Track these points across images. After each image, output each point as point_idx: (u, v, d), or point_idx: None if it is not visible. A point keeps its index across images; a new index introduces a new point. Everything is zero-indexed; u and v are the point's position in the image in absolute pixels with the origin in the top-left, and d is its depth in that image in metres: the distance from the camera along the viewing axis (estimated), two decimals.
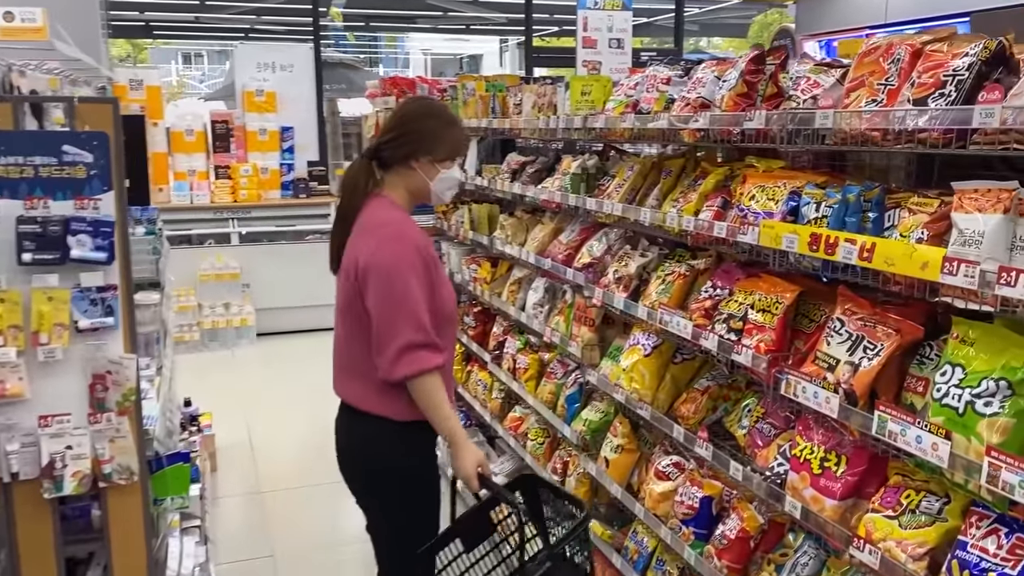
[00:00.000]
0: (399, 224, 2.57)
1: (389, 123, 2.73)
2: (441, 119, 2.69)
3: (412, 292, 2.46)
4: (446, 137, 2.66)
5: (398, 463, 2.64)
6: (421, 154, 2.63)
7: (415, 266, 2.49)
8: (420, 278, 2.50)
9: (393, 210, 2.63)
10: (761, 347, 2.35)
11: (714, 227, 2.50)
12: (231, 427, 5.92)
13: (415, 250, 2.52)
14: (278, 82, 8.98)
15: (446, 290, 2.64)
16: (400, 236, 2.53)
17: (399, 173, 2.67)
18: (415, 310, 2.46)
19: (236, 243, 8.32)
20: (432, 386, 2.51)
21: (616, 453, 3.32)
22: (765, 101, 2.44)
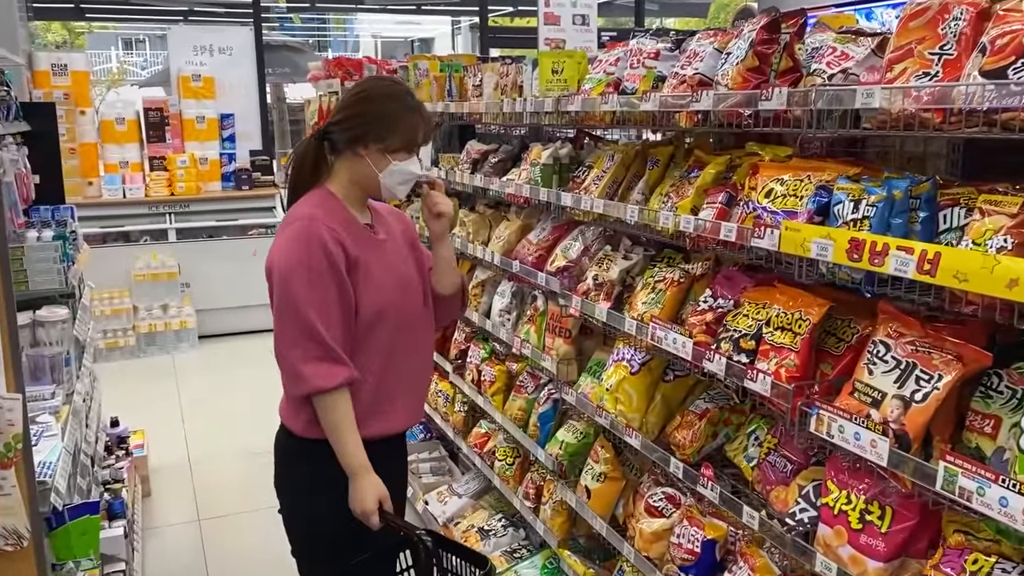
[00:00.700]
0: (305, 221, 2.20)
1: (343, 101, 2.36)
2: (401, 102, 2.27)
3: (305, 298, 2.14)
4: (403, 124, 2.26)
5: (291, 484, 2.36)
6: (371, 140, 2.25)
7: (314, 269, 2.15)
8: (322, 282, 2.16)
9: (315, 205, 2.26)
10: (782, 373, 1.96)
11: (720, 229, 2.09)
12: (168, 444, 5.41)
13: (318, 250, 2.16)
14: (216, 66, 8.38)
15: (375, 294, 2.26)
16: (301, 235, 2.18)
17: (346, 160, 2.31)
18: (308, 319, 2.14)
19: (173, 240, 7.73)
20: (328, 405, 2.18)
21: (599, 482, 2.92)
22: (779, 77, 2.03)
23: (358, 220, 2.31)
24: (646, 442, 2.54)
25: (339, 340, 2.18)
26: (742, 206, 2.14)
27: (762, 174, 2.04)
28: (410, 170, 2.30)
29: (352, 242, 2.23)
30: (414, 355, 2.42)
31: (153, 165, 7.85)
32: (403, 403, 2.40)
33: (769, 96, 1.88)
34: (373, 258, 2.28)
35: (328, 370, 2.16)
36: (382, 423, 2.36)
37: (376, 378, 2.30)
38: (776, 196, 1.97)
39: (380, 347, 2.30)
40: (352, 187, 2.31)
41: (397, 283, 2.33)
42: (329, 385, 2.16)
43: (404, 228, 2.50)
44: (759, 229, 1.94)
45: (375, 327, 2.27)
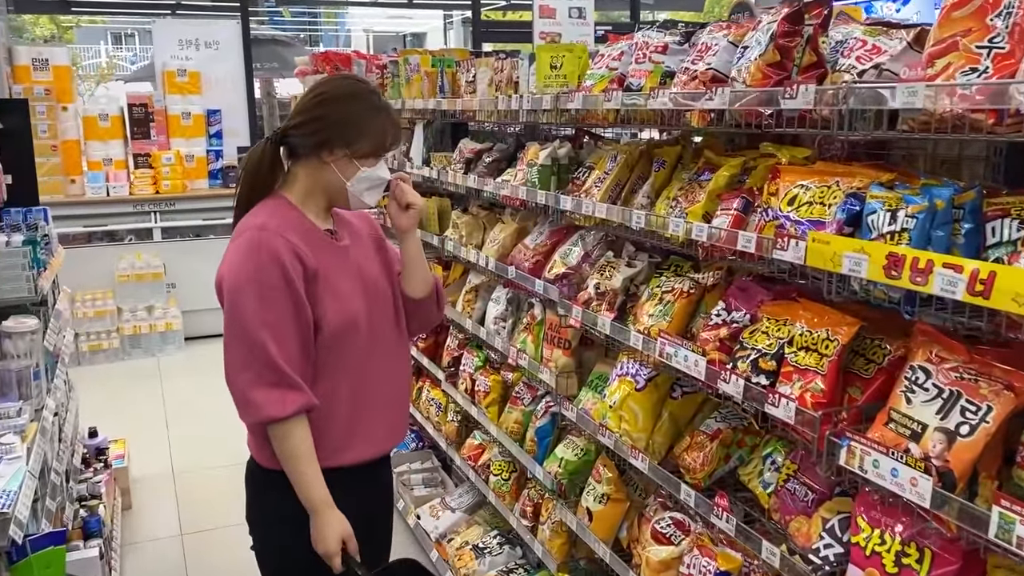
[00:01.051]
0: (256, 232, 2.01)
1: (301, 103, 2.14)
2: (366, 103, 2.09)
3: (257, 317, 1.96)
4: (371, 127, 2.09)
5: (261, 516, 2.21)
6: (336, 146, 2.08)
7: (267, 284, 1.96)
8: (275, 299, 1.97)
9: (269, 214, 2.07)
10: (807, 399, 1.78)
11: (737, 239, 1.91)
12: (151, 452, 5.22)
13: (271, 263, 1.97)
14: (202, 61, 8.16)
15: (341, 304, 2.08)
16: (252, 247, 1.99)
17: (308, 167, 2.12)
18: (260, 340, 1.96)
19: (159, 239, 7.53)
20: (282, 435, 2.01)
21: (601, 504, 2.75)
22: (801, 72, 1.86)
23: (317, 227, 2.13)
24: (654, 465, 2.37)
25: (295, 363, 1.99)
26: (760, 213, 1.96)
27: (784, 179, 1.86)
28: (379, 175, 2.13)
29: (311, 252, 2.05)
30: (389, 369, 2.25)
31: (138, 162, 7.64)
32: (383, 422, 2.23)
33: (794, 94, 1.70)
34: (336, 266, 2.10)
35: (281, 396, 1.97)
36: (362, 447, 2.18)
37: (350, 398, 2.13)
38: (800, 203, 1.79)
39: (351, 363, 2.12)
40: (313, 194, 2.14)
41: (364, 290, 2.16)
42: (282, 414, 1.97)
43: (369, 228, 2.33)
44: (782, 240, 1.76)
45: (344, 341, 2.09)
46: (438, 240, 3.83)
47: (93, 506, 3.66)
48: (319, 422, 2.09)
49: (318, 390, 2.08)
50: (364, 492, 2.27)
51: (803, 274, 1.83)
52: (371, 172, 2.11)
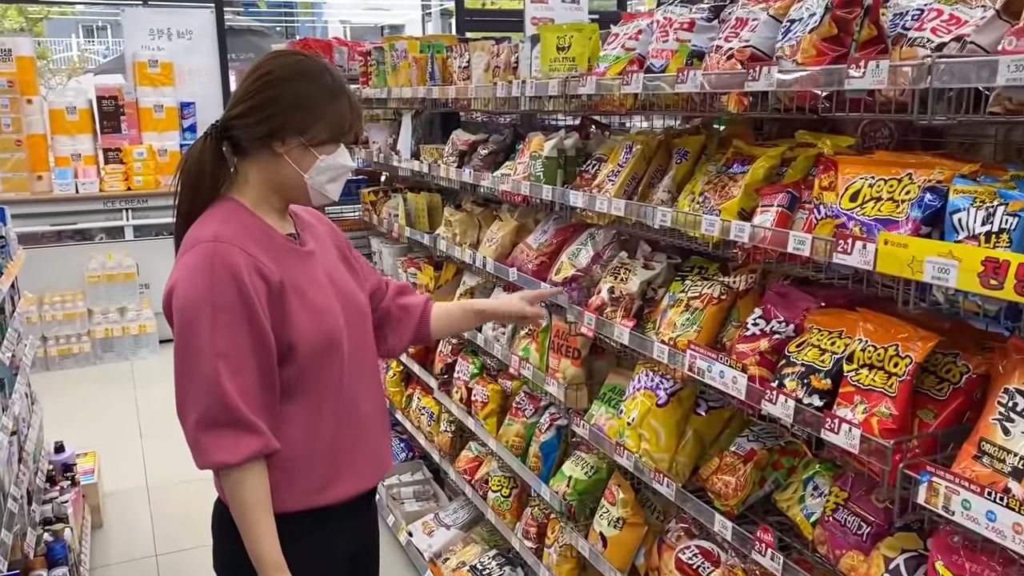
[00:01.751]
0: (209, 244, 1.72)
1: (242, 88, 1.82)
2: (318, 82, 1.79)
3: (209, 345, 1.68)
4: (326, 109, 1.79)
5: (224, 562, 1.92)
6: (288, 134, 1.78)
7: (221, 306, 1.68)
8: (231, 324, 1.69)
9: (221, 221, 1.78)
10: (874, 424, 1.54)
11: (788, 240, 1.67)
12: (124, 465, 4.92)
13: (226, 281, 1.69)
14: (175, 51, 7.82)
15: (316, 320, 1.81)
16: (204, 262, 1.71)
17: (258, 162, 1.83)
18: (211, 373, 1.67)
19: (131, 237, 7.20)
20: (234, 483, 1.73)
21: (616, 528, 2.51)
22: (860, 48, 1.61)
23: (278, 232, 1.84)
24: (682, 492, 2.12)
25: (254, 399, 1.71)
26: (812, 210, 1.72)
27: (843, 171, 1.62)
28: (340, 163, 1.84)
29: (274, 263, 1.77)
30: (370, 391, 1.99)
31: (108, 157, 7.30)
32: (370, 450, 1.97)
33: (862, 71, 1.45)
34: (304, 276, 1.83)
35: (235, 439, 1.69)
36: (351, 480, 1.92)
37: (334, 426, 1.86)
38: (865, 199, 1.55)
39: (332, 387, 1.85)
40: (267, 194, 1.85)
41: (339, 300, 1.89)
42: (233, 459, 1.70)
43: (330, 231, 2.06)
44: (845, 242, 1.52)
45: (324, 362, 1.82)
46: (429, 239, 3.57)
47: (58, 530, 3.37)
48: (302, 457, 1.83)
49: (296, 421, 1.82)
50: (356, 527, 2.02)
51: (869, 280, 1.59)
52: (331, 160, 1.82)
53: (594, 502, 2.74)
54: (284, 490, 1.82)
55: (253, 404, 1.72)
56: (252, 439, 1.71)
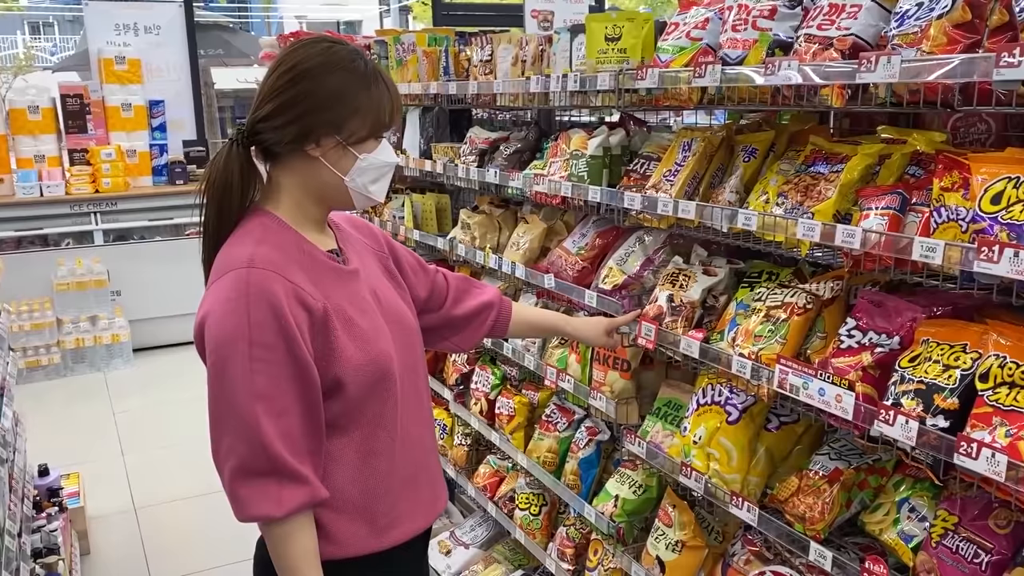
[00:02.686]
0: (243, 271, 1.53)
1: (267, 85, 1.62)
2: (352, 72, 1.60)
3: (245, 387, 1.51)
4: (363, 101, 1.59)
5: None
6: (322, 134, 1.59)
7: (259, 343, 1.50)
8: (270, 361, 1.51)
9: (257, 240, 1.59)
10: (1022, 450, 1.40)
11: (913, 246, 1.52)
12: (108, 485, 4.65)
13: (264, 313, 1.50)
14: (142, 47, 7.50)
15: (367, 348, 1.62)
16: (239, 292, 1.52)
17: (291, 167, 1.64)
18: (250, 418, 1.50)
19: (100, 242, 6.87)
20: (278, 538, 1.55)
21: (675, 552, 2.35)
22: (990, 37, 1.47)
23: (319, 249, 1.66)
24: (766, 516, 1.97)
25: (297, 443, 1.53)
26: (931, 213, 1.58)
27: (978, 171, 1.47)
28: (384, 160, 1.66)
29: (317, 288, 1.59)
30: (423, 415, 1.82)
31: (74, 159, 6.96)
32: (427, 482, 1.80)
33: (1018, 59, 1.30)
34: (349, 300, 1.64)
35: (277, 491, 1.52)
36: (411, 518, 1.75)
37: (389, 461, 1.68)
38: (1012, 202, 1.41)
39: (388, 419, 1.67)
40: (304, 203, 1.65)
41: (387, 322, 1.70)
42: (277, 513, 1.52)
43: (370, 239, 1.87)
44: (990, 249, 1.37)
45: (374, 395, 1.64)
46: (444, 242, 3.38)
47: (51, 563, 3.13)
48: (355, 498, 1.66)
49: (346, 459, 1.65)
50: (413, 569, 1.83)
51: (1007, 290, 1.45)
52: (374, 158, 1.63)
53: (640, 522, 2.59)
54: (335, 536, 1.65)
55: (297, 449, 1.53)
56: (296, 490, 1.53)
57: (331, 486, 1.62)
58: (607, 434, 2.76)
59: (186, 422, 5.42)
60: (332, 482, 1.63)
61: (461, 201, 3.82)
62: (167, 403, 5.84)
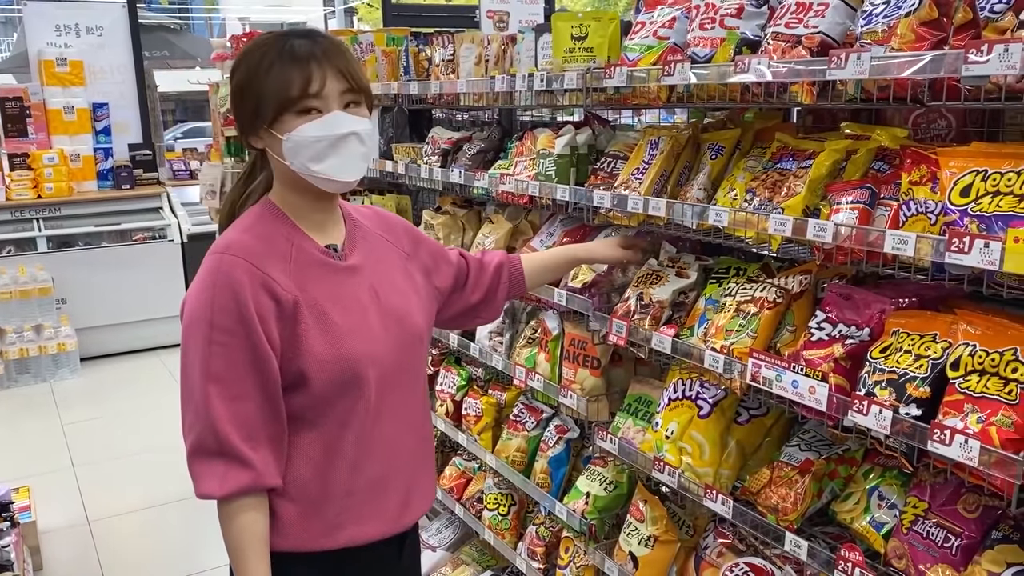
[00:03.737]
0: (217, 255, 1.60)
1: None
2: (258, 55, 1.58)
3: (202, 367, 1.55)
4: (264, 82, 1.56)
5: None
6: (256, 126, 1.62)
7: (219, 326, 1.54)
8: (227, 345, 1.55)
9: (245, 228, 1.66)
10: (993, 434, 1.44)
11: (885, 239, 1.55)
12: (59, 498, 4.53)
13: (227, 298, 1.55)
14: (84, 48, 7.32)
15: (337, 345, 1.61)
16: (208, 276, 1.58)
17: (267, 161, 1.70)
18: (203, 398, 1.55)
19: (44, 249, 6.68)
20: (224, 517, 1.59)
21: (647, 547, 2.37)
22: (956, 34, 1.51)
23: (313, 241, 1.67)
24: (740, 509, 1.99)
25: (251, 428, 1.55)
26: (900, 206, 1.61)
27: (947, 164, 1.51)
28: (312, 135, 1.56)
29: (291, 279, 1.59)
30: (412, 421, 1.79)
31: (14, 164, 6.77)
32: (399, 492, 1.76)
33: (985, 55, 1.34)
34: (332, 295, 1.64)
35: (223, 471, 1.54)
36: (372, 525, 1.72)
37: (351, 464, 1.67)
38: (981, 194, 1.45)
39: (355, 421, 1.66)
40: (288, 193, 1.68)
41: (381, 322, 1.69)
42: (218, 492, 1.55)
43: (396, 240, 1.85)
44: (960, 241, 1.41)
45: (343, 394, 1.63)
46: None
47: None
48: (315, 493, 1.65)
49: (309, 453, 1.64)
50: None
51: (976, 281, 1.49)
52: (298, 135, 1.56)
53: (612, 518, 2.61)
54: (295, 527, 1.64)
55: (251, 435, 1.55)
56: (240, 473, 1.54)
57: (292, 477, 1.63)
58: (576, 432, 2.77)
59: (137, 432, 5.32)
60: (293, 473, 1.64)
61: (421, 202, 3.80)
62: (117, 413, 5.71)
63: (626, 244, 2.27)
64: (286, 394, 1.61)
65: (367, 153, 1.63)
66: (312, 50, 1.57)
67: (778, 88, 1.75)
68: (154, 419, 5.37)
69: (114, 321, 6.75)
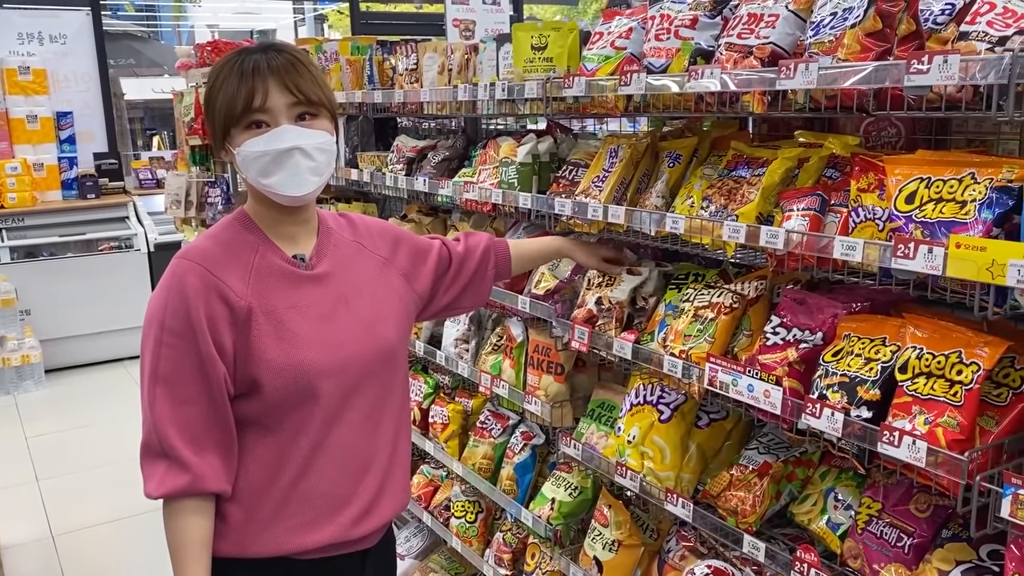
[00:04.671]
0: (175, 261, 1.64)
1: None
2: (217, 74, 1.65)
3: (151, 368, 1.60)
4: (216, 98, 1.63)
5: None
6: (216, 141, 1.69)
7: (169, 328, 1.58)
8: (175, 348, 1.57)
9: (210, 235, 1.70)
10: (940, 436, 1.48)
11: (834, 245, 1.59)
12: (23, 512, 4.47)
13: (178, 303, 1.58)
14: (48, 57, 7.24)
15: (292, 353, 1.62)
16: (166, 280, 1.62)
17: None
18: (150, 398, 1.59)
19: (7, 260, 6.59)
20: (165, 517, 1.61)
21: (612, 552, 2.39)
22: (900, 44, 1.55)
23: (280, 251, 1.67)
24: (700, 512, 2.02)
25: (194, 432, 1.57)
26: (849, 213, 1.65)
27: (893, 172, 1.55)
28: (255, 150, 1.59)
29: (248, 286, 1.61)
30: (380, 431, 1.76)
31: None
32: (358, 502, 1.73)
33: (926, 66, 1.38)
34: (293, 303, 1.64)
35: (163, 472, 1.57)
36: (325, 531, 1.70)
37: (298, 471, 1.66)
38: (924, 201, 1.48)
39: (309, 428, 1.65)
40: (258, 204, 1.70)
41: (344, 333, 1.69)
42: (155, 493, 1.58)
43: (374, 248, 1.85)
44: (906, 246, 1.45)
45: (298, 402, 1.63)
46: None
47: None
48: (264, 498, 1.65)
49: (262, 457, 1.65)
50: None
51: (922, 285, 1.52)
52: (245, 149, 1.59)
53: (577, 524, 2.62)
54: (243, 532, 1.65)
55: (195, 439, 1.57)
56: (177, 476, 1.56)
57: (244, 482, 1.64)
58: (542, 438, 2.78)
59: (103, 445, 5.26)
60: (246, 478, 1.65)
61: (388, 210, 3.81)
62: (83, 425, 5.64)
63: (609, 258, 2.29)
64: (240, 400, 1.62)
65: (316, 167, 1.62)
66: (260, 64, 1.59)
67: (731, 98, 1.78)
68: (120, 431, 5.31)
69: (79, 332, 6.67)
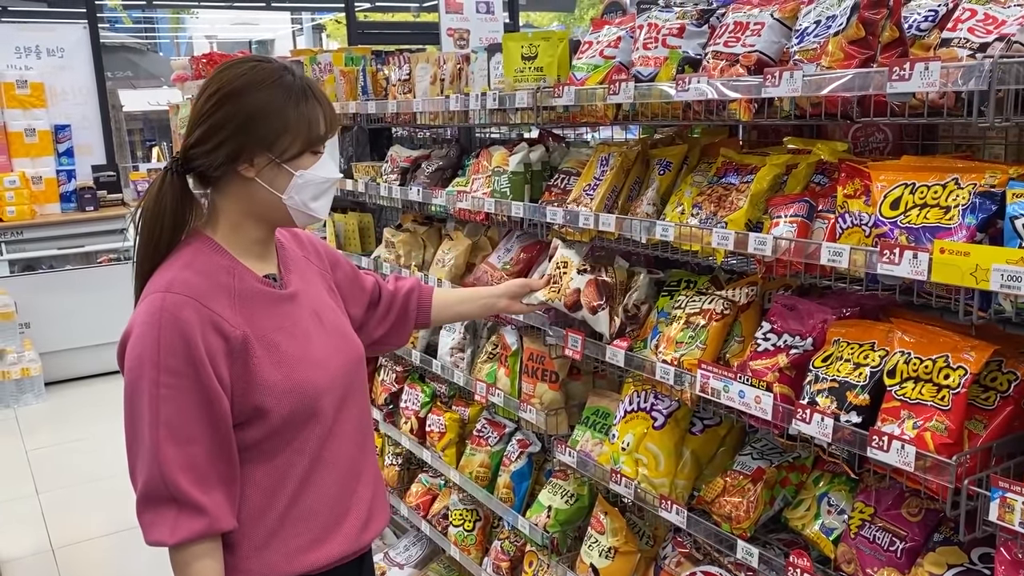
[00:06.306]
0: (160, 295, 1.55)
1: (196, 109, 1.64)
2: (279, 86, 1.59)
3: (151, 413, 1.52)
4: (294, 114, 1.58)
5: None
6: (254, 153, 1.59)
7: (166, 368, 1.51)
8: (176, 388, 1.51)
9: (184, 265, 1.60)
10: (928, 440, 1.48)
11: (821, 251, 1.60)
12: (23, 525, 4.47)
13: (174, 340, 1.51)
14: (46, 70, 7.26)
15: (290, 375, 1.62)
16: (152, 317, 1.52)
17: (228, 191, 1.64)
18: (152, 443, 1.51)
19: (6, 273, 6.60)
20: (179, 564, 1.55)
21: (608, 559, 2.39)
22: (883, 52, 1.56)
23: (252, 274, 1.66)
24: (694, 518, 2.02)
25: (201, 472, 1.53)
26: (836, 219, 1.66)
27: (878, 178, 1.56)
28: (323, 176, 1.63)
29: (239, 315, 1.59)
30: (361, 439, 1.79)
31: None
32: (357, 510, 1.76)
33: (907, 72, 1.39)
34: (279, 326, 1.64)
35: (174, 519, 1.52)
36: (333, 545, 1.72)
37: (297, 487, 1.67)
38: (909, 206, 1.49)
39: (309, 447, 1.66)
40: (244, 224, 1.65)
41: (329, 344, 1.71)
42: (170, 540, 1.53)
43: (315, 256, 1.86)
44: (891, 252, 1.46)
45: (302, 423, 1.64)
46: (368, 261, 3.37)
47: None
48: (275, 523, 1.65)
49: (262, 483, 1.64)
50: None
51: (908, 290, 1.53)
52: (311, 174, 1.61)
53: (574, 531, 2.63)
54: (252, 560, 1.63)
55: (201, 478, 1.53)
56: (193, 520, 1.52)
57: (248, 510, 1.62)
58: (538, 446, 2.79)
59: (103, 457, 5.25)
60: (249, 506, 1.63)
61: (383, 220, 3.82)
62: (83, 438, 5.64)
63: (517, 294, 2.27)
64: (241, 429, 1.60)
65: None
66: (316, 88, 1.62)
67: (718, 106, 1.79)
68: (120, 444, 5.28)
69: (79, 345, 6.67)
